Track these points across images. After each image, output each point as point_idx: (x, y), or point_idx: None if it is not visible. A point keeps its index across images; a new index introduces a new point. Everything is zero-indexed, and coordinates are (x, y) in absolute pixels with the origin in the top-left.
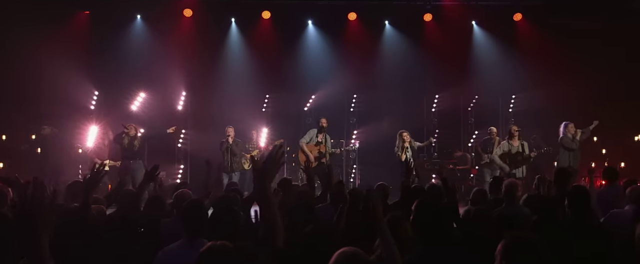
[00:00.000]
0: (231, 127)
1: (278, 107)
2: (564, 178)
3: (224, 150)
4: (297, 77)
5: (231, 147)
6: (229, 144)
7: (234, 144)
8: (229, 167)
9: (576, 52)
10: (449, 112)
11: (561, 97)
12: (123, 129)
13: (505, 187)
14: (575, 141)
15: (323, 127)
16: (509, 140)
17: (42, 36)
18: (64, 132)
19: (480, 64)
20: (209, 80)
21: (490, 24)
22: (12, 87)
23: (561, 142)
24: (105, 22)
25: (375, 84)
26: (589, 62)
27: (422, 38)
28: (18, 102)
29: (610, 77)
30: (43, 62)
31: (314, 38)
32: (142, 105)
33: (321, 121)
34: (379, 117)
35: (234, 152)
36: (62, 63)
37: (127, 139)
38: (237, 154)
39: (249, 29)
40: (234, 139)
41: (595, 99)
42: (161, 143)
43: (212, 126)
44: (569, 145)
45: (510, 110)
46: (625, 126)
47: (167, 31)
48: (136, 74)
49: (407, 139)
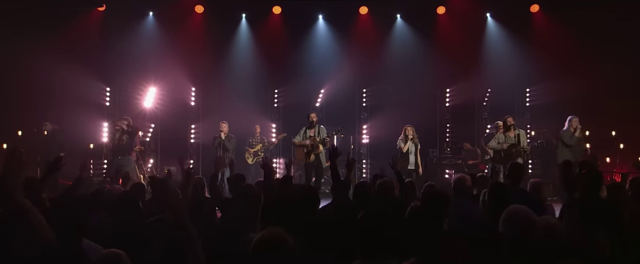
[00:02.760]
0: (225, 123)
1: (288, 102)
2: (516, 172)
3: (216, 145)
4: (308, 71)
5: (224, 142)
6: (222, 139)
7: (226, 140)
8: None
9: (594, 44)
10: (463, 106)
11: (578, 91)
12: (115, 126)
13: (454, 182)
14: (574, 137)
15: (313, 122)
16: (505, 132)
17: (55, 34)
18: (76, 128)
19: (494, 57)
20: (220, 75)
21: (506, 15)
22: (25, 85)
23: (560, 136)
24: (118, 19)
25: (386, 78)
26: (606, 54)
27: (435, 31)
28: (32, 99)
29: (628, 70)
30: (56, 60)
31: (324, 32)
32: (155, 101)
33: (311, 116)
34: (390, 112)
35: (227, 148)
36: (75, 60)
37: (118, 134)
38: (229, 150)
39: (259, 24)
40: (227, 134)
41: (613, 92)
42: (173, 138)
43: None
44: (567, 140)
45: (527, 104)
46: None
47: (178, 28)
48: (147, 70)
49: (410, 133)
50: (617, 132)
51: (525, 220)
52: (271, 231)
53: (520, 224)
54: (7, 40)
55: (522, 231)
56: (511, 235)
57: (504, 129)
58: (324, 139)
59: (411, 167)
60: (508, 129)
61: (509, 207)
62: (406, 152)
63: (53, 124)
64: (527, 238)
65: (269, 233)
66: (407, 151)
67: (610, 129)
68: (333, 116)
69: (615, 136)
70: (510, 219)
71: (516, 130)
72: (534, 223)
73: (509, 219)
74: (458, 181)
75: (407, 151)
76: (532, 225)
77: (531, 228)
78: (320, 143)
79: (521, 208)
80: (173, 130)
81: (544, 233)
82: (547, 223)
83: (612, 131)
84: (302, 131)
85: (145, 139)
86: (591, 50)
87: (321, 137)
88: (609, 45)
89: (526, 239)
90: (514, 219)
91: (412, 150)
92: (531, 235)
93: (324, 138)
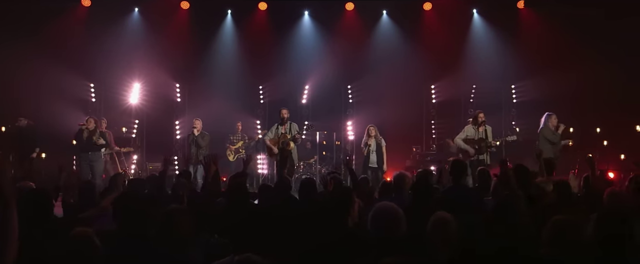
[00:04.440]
0: (198, 120)
1: (274, 98)
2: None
3: (190, 142)
4: (293, 68)
5: (196, 139)
6: (195, 136)
7: (199, 136)
8: (193, 159)
9: (580, 41)
10: (449, 102)
11: (564, 87)
12: (80, 125)
13: (394, 179)
14: (556, 134)
15: (284, 119)
16: (474, 125)
17: (40, 29)
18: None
19: (479, 53)
20: (205, 71)
21: (492, 11)
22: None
23: (542, 133)
24: (103, 15)
25: (371, 74)
26: (593, 51)
27: (421, 27)
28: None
29: (614, 67)
30: (41, 56)
31: (310, 29)
32: (141, 97)
33: (282, 112)
34: (375, 108)
35: (199, 145)
36: (59, 56)
37: (86, 133)
38: (202, 147)
39: (244, 20)
40: (201, 131)
41: (599, 89)
42: (159, 133)
43: (209, 116)
44: (552, 138)
45: (514, 101)
46: (627, 116)
47: (164, 24)
48: (132, 66)
49: (372, 132)
50: (602, 129)
51: (391, 218)
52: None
53: (385, 223)
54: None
55: (388, 229)
56: (377, 233)
57: (473, 123)
58: (295, 136)
59: (372, 164)
60: (476, 123)
61: (377, 205)
62: (368, 151)
63: (28, 119)
64: (392, 236)
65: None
66: (369, 150)
67: (595, 126)
68: (318, 113)
69: (600, 132)
70: (375, 217)
71: (484, 126)
72: (399, 221)
73: (374, 218)
74: (396, 177)
75: (369, 149)
76: (397, 223)
77: (397, 225)
78: (291, 140)
79: (388, 205)
80: (158, 126)
81: (431, 227)
82: (438, 217)
83: (597, 128)
84: (273, 127)
85: (131, 135)
86: (577, 47)
87: (292, 134)
88: (596, 42)
89: (391, 237)
90: (380, 218)
91: (373, 149)
92: (396, 233)
93: (295, 135)
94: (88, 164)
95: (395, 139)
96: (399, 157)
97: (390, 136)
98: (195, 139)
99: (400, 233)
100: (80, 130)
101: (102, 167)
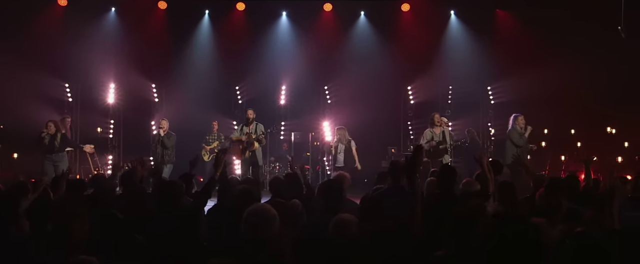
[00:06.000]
0: (165, 120)
1: (251, 97)
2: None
3: (155, 142)
4: (270, 68)
5: (163, 139)
6: (161, 136)
7: (165, 137)
8: (159, 159)
9: (552, 41)
10: (426, 103)
11: (539, 89)
12: (41, 130)
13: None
14: (523, 137)
15: (250, 119)
16: (431, 128)
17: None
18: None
19: (456, 54)
20: (182, 71)
21: (469, 13)
22: None
23: (509, 135)
24: (79, 14)
25: (349, 75)
26: (565, 52)
27: (398, 28)
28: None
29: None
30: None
31: (288, 29)
32: (117, 96)
33: (247, 113)
34: (352, 108)
35: (165, 145)
36: (34, 55)
37: (48, 138)
38: (168, 147)
39: (222, 20)
40: (167, 131)
41: (574, 90)
42: (135, 133)
43: (185, 116)
44: (517, 141)
45: (492, 101)
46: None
47: (141, 23)
48: (109, 66)
49: (338, 134)
50: (577, 130)
51: (263, 219)
52: None
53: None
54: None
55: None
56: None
57: (430, 125)
58: (259, 136)
59: (339, 164)
60: (433, 126)
61: (250, 207)
62: (336, 152)
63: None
64: (263, 237)
65: None
66: (337, 151)
67: (569, 127)
68: (296, 113)
69: (574, 134)
70: (247, 218)
71: (442, 127)
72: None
73: (246, 219)
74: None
75: (337, 150)
76: (269, 224)
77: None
78: (255, 140)
79: (262, 206)
80: (135, 126)
81: (333, 229)
82: (339, 219)
83: (572, 129)
84: (239, 127)
85: (107, 136)
86: (550, 48)
87: (257, 135)
88: (567, 43)
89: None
90: (251, 218)
91: (341, 149)
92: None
93: (259, 135)
94: (52, 164)
95: (373, 140)
96: (376, 158)
97: (367, 136)
98: (162, 140)
99: (271, 234)
100: (40, 137)
101: (66, 166)
